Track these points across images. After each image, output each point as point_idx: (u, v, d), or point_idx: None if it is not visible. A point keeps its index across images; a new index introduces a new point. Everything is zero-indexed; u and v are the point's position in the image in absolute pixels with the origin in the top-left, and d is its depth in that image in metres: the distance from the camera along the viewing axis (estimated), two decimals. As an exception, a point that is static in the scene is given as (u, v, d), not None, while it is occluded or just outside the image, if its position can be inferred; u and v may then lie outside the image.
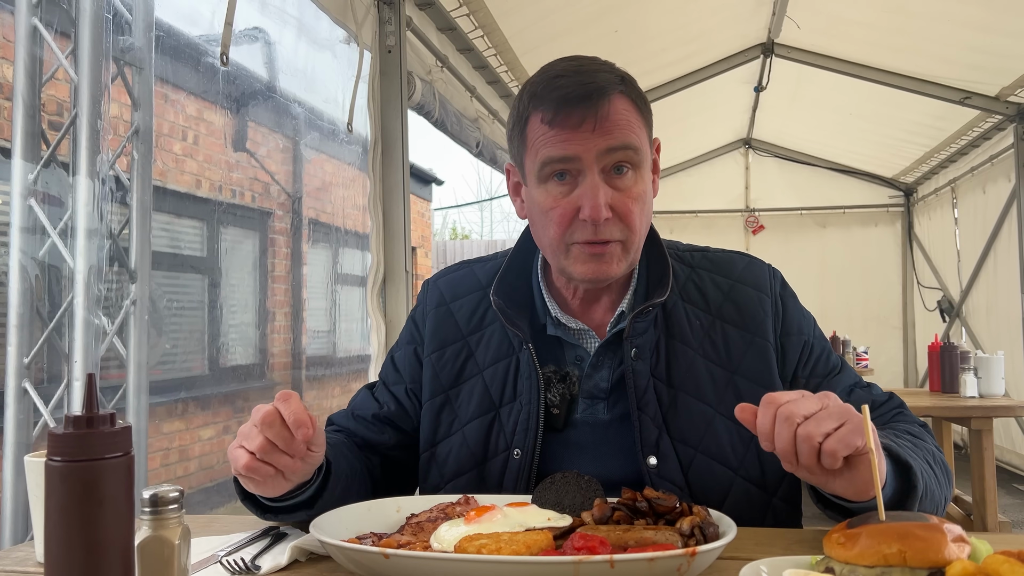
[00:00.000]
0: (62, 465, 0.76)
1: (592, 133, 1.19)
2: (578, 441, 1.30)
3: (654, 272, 1.35)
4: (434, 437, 1.36)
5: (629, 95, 1.23)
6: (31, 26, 2.16)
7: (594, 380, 1.32)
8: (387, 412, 1.41)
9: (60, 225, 2.16)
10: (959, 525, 0.84)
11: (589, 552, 0.89)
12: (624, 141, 1.20)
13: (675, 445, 1.25)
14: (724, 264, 1.39)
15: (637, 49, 5.62)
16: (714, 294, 1.35)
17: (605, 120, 1.19)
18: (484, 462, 1.31)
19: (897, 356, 8.87)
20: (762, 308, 1.33)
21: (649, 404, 1.27)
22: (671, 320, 1.32)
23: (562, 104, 1.20)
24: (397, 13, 3.55)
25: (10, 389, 2.15)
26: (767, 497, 1.27)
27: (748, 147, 9.06)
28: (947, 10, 4.79)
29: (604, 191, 1.20)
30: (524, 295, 1.38)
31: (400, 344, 1.47)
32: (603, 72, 1.23)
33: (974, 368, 4.15)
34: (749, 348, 1.31)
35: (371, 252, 3.52)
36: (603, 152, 1.20)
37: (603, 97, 1.19)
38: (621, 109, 1.21)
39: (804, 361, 1.34)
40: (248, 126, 5.46)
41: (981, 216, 6.92)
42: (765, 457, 1.26)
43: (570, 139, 1.20)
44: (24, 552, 1.14)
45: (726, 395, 1.28)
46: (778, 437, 0.97)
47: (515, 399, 1.32)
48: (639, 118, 1.24)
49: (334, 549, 0.95)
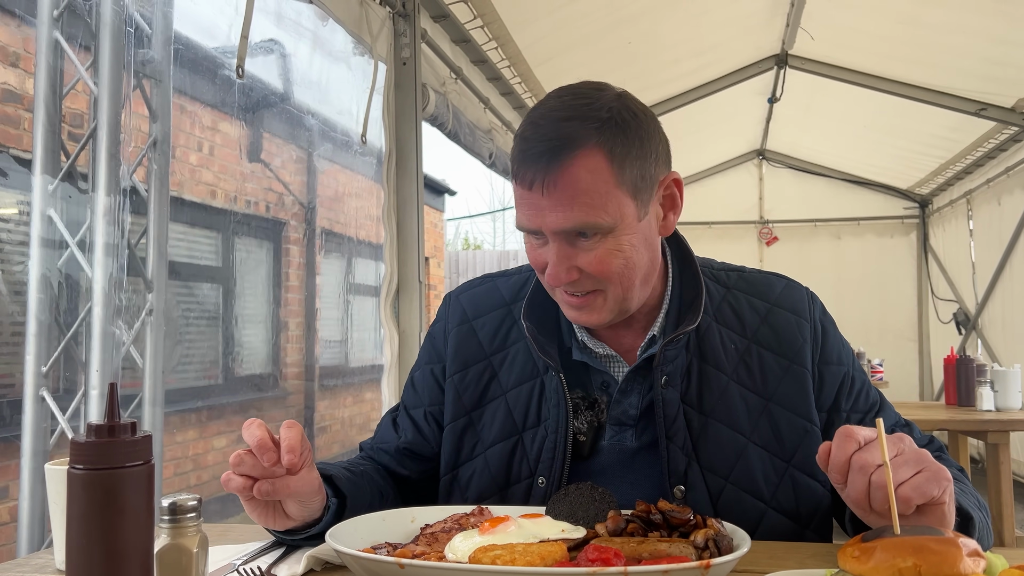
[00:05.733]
0: (84, 473, 0.77)
1: (544, 198, 1.12)
2: (604, 469, 1.26)
3: (687, 294, 1.30)
4: (456, 459, 1.33)
5: (604, 146, 1.11)
6: (52, 39, 2.20)
7: (623, 407, 1.27)
8: (405, 441, 1.37)
9: (79, 235, 2.18)
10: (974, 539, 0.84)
11: (603, 564, 0.89)
12: (577, 222, 1.12)
13: (704, 475, 1.21)
14: (761, 286, 1.34)
15: (651, 60, 5.63)
16: (750, 317, 1.30)
17: (555, 188, 1.11)
18: (506, 487, 1.28)
19: (912, 369, 8.81)
20: (800, 334, 1.28)
21: (678, 432, 1.22)
22: (704, 343, 1.27)
23: (523, 160, 1.13)
24: (412, 25, 3.57)
25: (28, 397, 2.18)
26: (800, 529, 1.23)
27: (762, 158, 9.05)
28: (962, 21, 4.78)
29: (566, 258, 1.15)
30: (552, 317, 1.33)
31: (419, 364, 1.44)
32: (576, 120, 1.12)
33: (990, 381, 4.12)
34: (786, 375, 1.25)
35: (384, 262, 3.54)
36: (557, 231, 1.14)
37: (559, 157, 1.10)
38: (583, 173, 1.10)
39: (847, 394, 1.29)
40: (263, 137, 5.50)
41: (997, 228, 6.88)
42: (800, 488, 1.22)
43: (530, 204, 1.14)
44: (43, 559, 1.15)
45: (760, 423, 1.23)
46: (851, 486, 0.96)
47: (539, 424, 1.28)
48: (611, 177, 1.12)
49: (349, 559, 0.96)
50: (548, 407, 1.28)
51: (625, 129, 1.14)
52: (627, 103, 1.18)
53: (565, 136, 1.11)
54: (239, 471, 1.04)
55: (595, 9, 4.58)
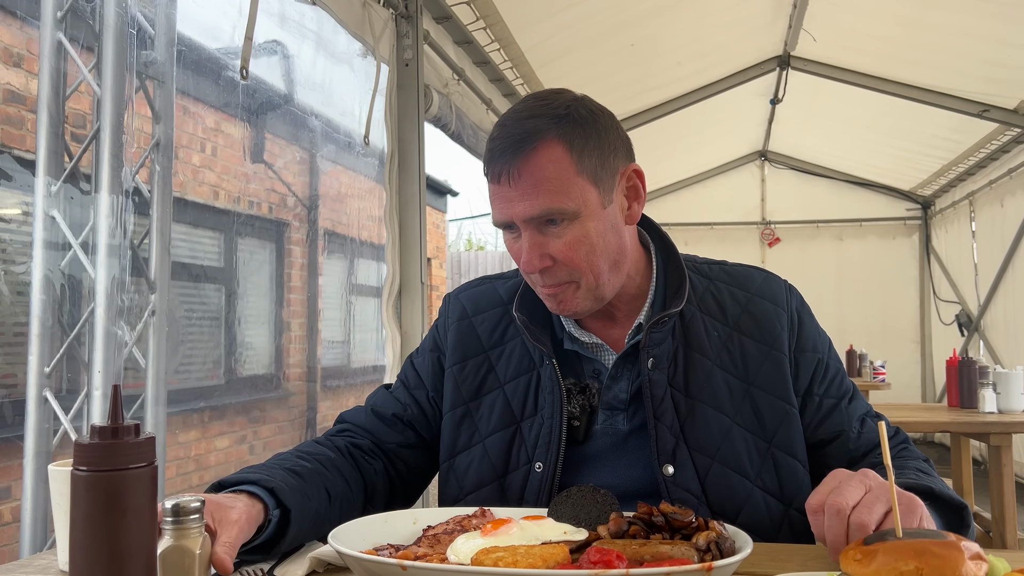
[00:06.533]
0: (88, 475, 0.78)
1: (512, 189, 1.20)
2: (597, 453, 1.31)
3: (671, 284, 1.37)
4: (454, 448, 1.38)
5: (563, 138, 1.20)
6: (56, 40, 2.20)
7: (613, 392, 1.33)
8: (410, 415, 1.42)
9: (82, 236, 2.18)
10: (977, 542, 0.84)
11: (605, 566, 0.89)
12: (543, 208, 1.20)
13: (692, 454, 1.26)
14: (742, 277, 1.41)
15: (653, 62, 5.64)
16: (732, 306, 1.37)
17: (519, 178, 1.19)
18: (505, 475, 1.33)
19: (915, 371, 8.81)
20: (779, 321, 1.35)
21: (666, 413, 1.28)
22: (689, 330, 1.33)
23: (491, 157, 1.23)
24: (415, 27, 3.58)
25: (31, 398, 2.18)
26: (784, 508, 1.28)
27: (764, 159, 9.05)
28: (964, 23, 4.78)
29: (537, 245, 1.22)
30: (543, 311, 1.39)
31: (423, 351, 1.49)
32: (536, 117, 1.21)
33: (993, 383, 4.11)
34: (766, 360, 1.32)
35: (387, 263, 3.54)
36: (526, 218, 1.21)
37: (521, 149, 1.19)
38: (545, 162, 1.19)
39: (820, 379, 1.35)
40: (266, 138, 5.50)
41: (999, 229, 6.87)
42: (782, 467, 1.28)
43: (501, 198, 1.23)
44: (46, 560, 1.15)
45: (743, 406, 1.29)
46: (829, 531, 0.98)
47: (536, 413, 1.33)
48: (571, 166, 1.20)
49: (352, 560, 0.96)
50: (544, 395, 1.33)
51: (582, 123, 1.23)
52: (585, 103, 1.26)
53: (527, 131, 1.20)
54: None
55: (598, 11, 4.58)
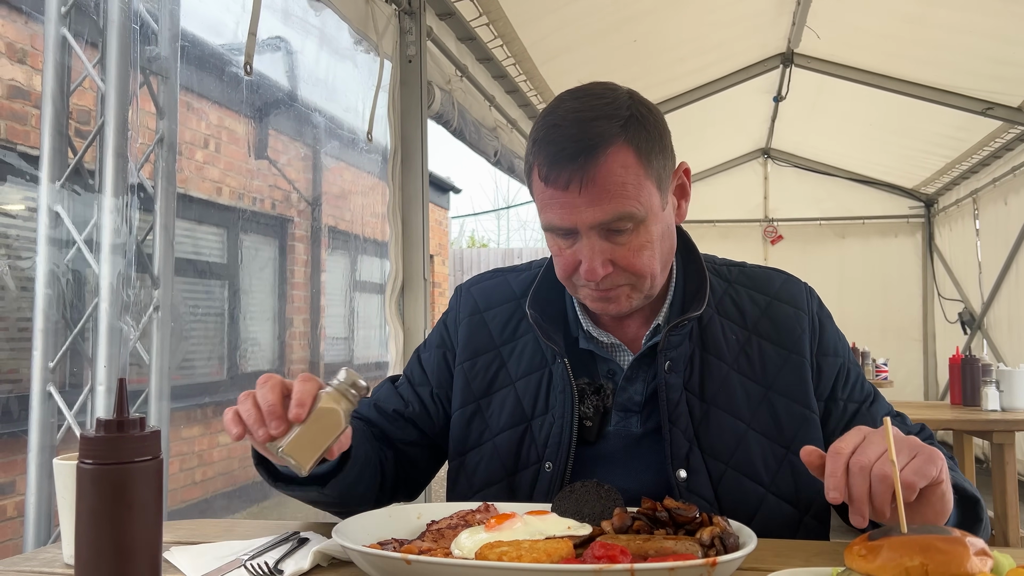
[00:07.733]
0: (93, 468, 0.78)
1: (580, 196, 1.15)
2: (610, 454, 1.29)
3: (691, 285, 1.35)
4: (464, 446, 1.36)
5: (631, 142, 1.17)
6: (60, 36, 2.20)
7: (628, 393, 1.31)
8: (411, 412, 1.41)
9: (86, 232, 2.19)
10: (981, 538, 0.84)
11: (609, 561, 0.89)
12: (615, 213, 1.16)
13: (706, 459, 1.25)
14: (761, 280, 1.39)
15: (656, 59, 5.63)
16: (751, 310, 1.35)
17: (592, 185, 1.15)
18: (515, 473, 1.31)
19: (917, 369, 8.79)
20: (799, 325, 1.33)
21: (681, 417, 1.26)
22: (706, 334, 1.32)
23: (554, 162, 1.16)
24: (418, 23, 3.58)
25: (35, 392, 2.18)
26: (799, 515, 1.26)
27: (767, 157, 9.03)
28: (968, 21, 4.76)
29: (601, 252, 1.19)
30: (558, 308, 1.38)
31: (430, 346, 1.47)
32: (602, 119, 1.16)
33: (996, 381, 4.11)
34: (785, 364, 1.30)
35: (390, 260, 3.54)
36: (594, 225, 1.18)
37: (593, 155, 1.14)
38: (617, 168, 1.15)
39: (843, 383, 1.32)
40: (269, 134, 5.50)
41: (1003, 228, 6.86)
42: (800, 474, 1.25)
43: (563, 204, 1.17)
44: (51, 553, 1.16)
45: (760, 411, 1.27)
46: (854, 487, 0.96)
47: (547, 412, 1.32)
48: (640, 170, 1.17)
49: (356, 554, 0.96)
50: (555, 394, 1.31)
51: (645, 124, 1.20)
52: (641, 100, 1.23)
53: (595, 135, 1.16)
54: (235, 431, 1.02)
55: (600, 7, 4.57)
